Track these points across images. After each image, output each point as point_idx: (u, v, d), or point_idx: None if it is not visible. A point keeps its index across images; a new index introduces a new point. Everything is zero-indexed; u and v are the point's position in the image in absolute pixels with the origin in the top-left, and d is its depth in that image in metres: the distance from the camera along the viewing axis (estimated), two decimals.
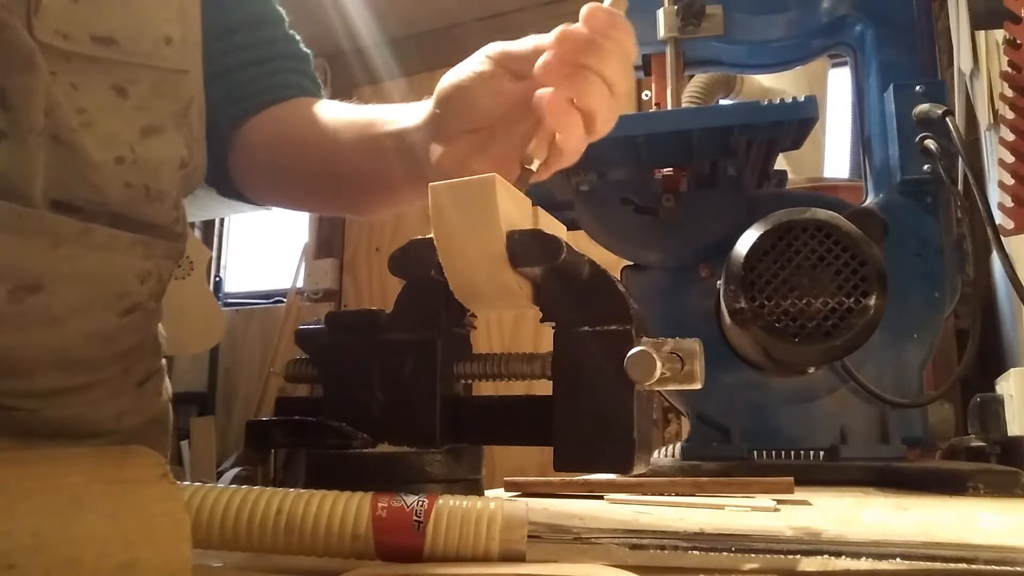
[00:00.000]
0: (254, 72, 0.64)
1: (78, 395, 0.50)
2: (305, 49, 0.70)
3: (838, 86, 1.79)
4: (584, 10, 0.45)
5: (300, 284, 2.85)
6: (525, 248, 0.37)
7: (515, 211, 0.39)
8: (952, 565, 0.28)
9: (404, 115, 0.57)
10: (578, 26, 0.45)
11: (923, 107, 0.75)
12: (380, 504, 0.27)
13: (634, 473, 0.37)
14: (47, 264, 0.45)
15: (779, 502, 0.51)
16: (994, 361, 1.23)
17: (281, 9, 0.68)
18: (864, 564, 0.29)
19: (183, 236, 0.55)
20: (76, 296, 0.47)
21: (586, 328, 0.37)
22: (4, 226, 0.42)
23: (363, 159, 0.60)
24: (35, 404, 0.47)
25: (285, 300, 2.85)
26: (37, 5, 0.43)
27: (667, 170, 0.82)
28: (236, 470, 2.27)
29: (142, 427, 0.57)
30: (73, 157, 0.45)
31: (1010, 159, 0.77)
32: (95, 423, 0.52)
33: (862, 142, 0.85)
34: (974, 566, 0.28)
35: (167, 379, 0.62)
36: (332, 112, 0.64)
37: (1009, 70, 0.77)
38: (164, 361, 0.61)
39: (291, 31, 0.68)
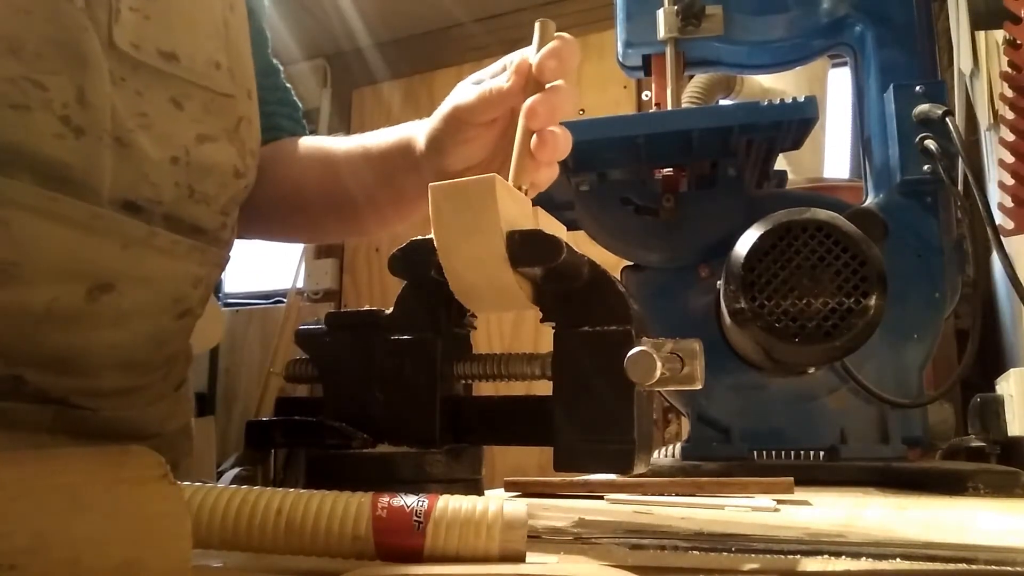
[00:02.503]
0: None
1: (131, 397, 0.53)
2: (297, 100, 0.76)
3: (838, 86, 1.79)
4: (537, 64, 0.46)
5: (300, 284, 2.85)
6: (525, 248, 0.37)
7: (515, 211, 0.39)
8: (952, 565, 0.28)
9: (394, 138, 0.61)
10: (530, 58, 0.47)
11: (923, 107, 0.75)
12: (380, 504, 0.27)
13: (634, 473, 0.37)
14: (117, 264, 0.48)
15: (779, 502, 0.51)
16: (994, 361, 1.23)
17: (277, 62, 0.73)
18: (864, 564, 0.29)
19: (230, 244, 0.58)
20: (141, 297, 0.50)
21: (586, 328, 0.37)
22: (80, 225, 0.45)
23: (353, 181, 0.65)
24: (97, 404, 0.50)
25: (285, 300, 2.84)
26: (117, 16, 0.47)
27: (667, 170, 0.82)
28: (236, 470, 2.27)
29: (177, 432, 0.60)
30: (132, 156, 0.48)
31: (1010, 159, 0.77)
32: (143, 425, 0.54)
33: (862, 142, 0.85)
34: (974, 566, 0.28)
35: (191, 388, 0.64)
36: (329, 143, 0.68)
37: (1009, 70, 0.77)
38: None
39: (287, 83, 0.74)
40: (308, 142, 0.70)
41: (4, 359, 0.44)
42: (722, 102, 1.45)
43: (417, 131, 0.59)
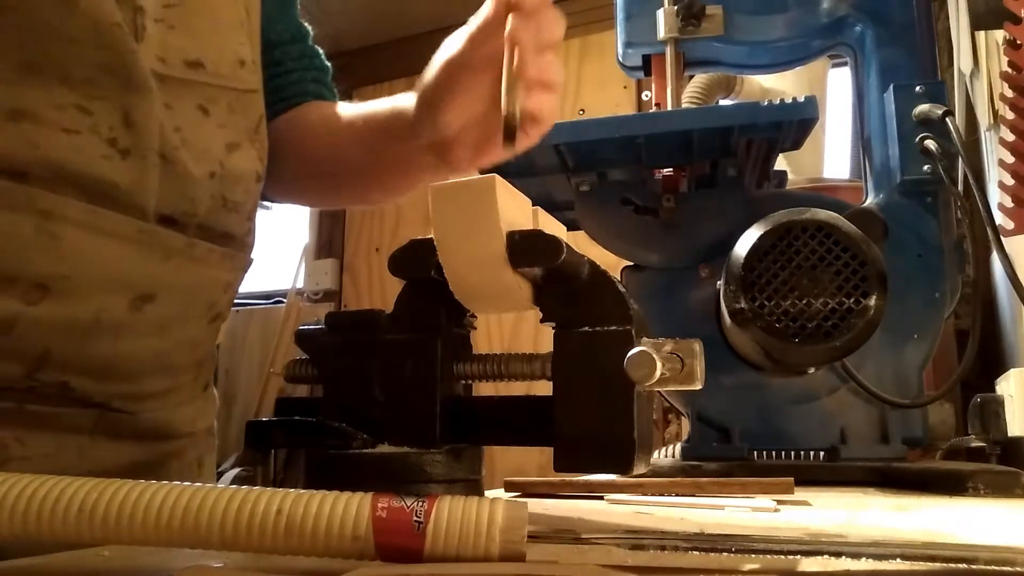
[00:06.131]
0: (280, 82, 0.69)
1: (167, 398, 0.54)
2: (326, 62, 0.75)
3: (838, 86, 1.79)
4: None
5: (300, 284, 2.84)
6: (525, 248, 0.37)
7: (515, 211, 0.39)
8: (952, 565, 0.28)
9: (399, 102, 0.62)
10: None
11: (923, 107, 0.75)
12: (380, 505, 0.27)
13: (634, 473, 0.37)
14: (158, 275, 0.49)
15: (779, 502, 0.51)
16: (994, 361, 1.23)
17: (308, 25, 0.73)
18: (864, 564, 0.29)
19: (253, 247, 0.59)
20: (179, 305, 0.51)
21: (586, 328, 0.37)
22: (126, 239, 0.46)
23: (368, 145, 0.65)
24: (138, 407, 0.51)
25: (285, 300, 2.84)
26: (143, 33, 0.47)
27: (667, 170, 0.82)
28: (236, 470, 2.27)
29: (204, 430, 0.60)
30: (176, 173, 0.49)
31: (1010, 159, 0.77)
32: (177, 425, 0.55)
33: (862, 142, 0.85)
34: (974, 566, 0.28)
35: (214, 387, 0.65)
36: (343, 110, 0.68)
37: (1009, 70, 0.77)
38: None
39: (315, 46, 0.74)
40: (324, 109, 0.70)
41: (53, 367, 0.45)
42: (722, 102, 1.45)
43: (409, 98, 0.60)
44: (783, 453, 0.76)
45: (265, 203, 0.76)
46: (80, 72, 0.44)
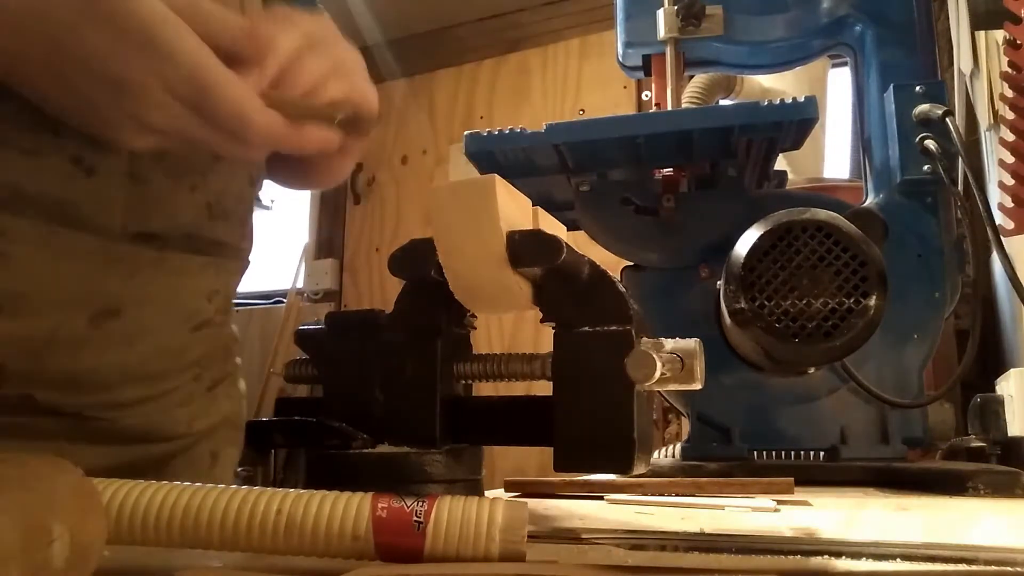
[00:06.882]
0: None
1: (153, 404, 0.52)
2: None
3: (838, 86, 1.79)
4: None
5: (300, 284, 2.84)
6: (525, 248, 0.37)
7: (515, 211, 0.39)
8: (952, 566, 0.28)
9: None
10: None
11: (923, 107, 0.75)
12: (380, 504, 0.27)
13: (634, 473, 0.37)
14: (123, 290, 0.47)
15: (779, 502, 0.51)
16: (994, 361, 1.23)
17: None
18: (864, 564, 0.29)
19: (249, 251, 0.57)
20: (150, 318, 0.49)
21: (586, 328, 0.37)
22: (85, 257, 0.44)
23: None
24: (115, 414, 0.49)
25: (285, 300, 2.84)
26: None
27: (667, 170, 0.82)
28: (236, 470, 2.27)
29: (212, 428, 0.58)
30: (149, 192, 0.47)
31: (1010, 159, 0.77)
32: (168, 428, 0.53)
33: (862, 142, 0.85)
34: (974, 566, 0.28)
35: (240, 380, 0.63)
36: None
37: (1009, 70, 0.77)
38: (239, 361, 0.62)
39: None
40: None
41: (12, 381, 0.44)
42: (722, 102, 1.45)
43: None
44: (783, 453, 0.76)
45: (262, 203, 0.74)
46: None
